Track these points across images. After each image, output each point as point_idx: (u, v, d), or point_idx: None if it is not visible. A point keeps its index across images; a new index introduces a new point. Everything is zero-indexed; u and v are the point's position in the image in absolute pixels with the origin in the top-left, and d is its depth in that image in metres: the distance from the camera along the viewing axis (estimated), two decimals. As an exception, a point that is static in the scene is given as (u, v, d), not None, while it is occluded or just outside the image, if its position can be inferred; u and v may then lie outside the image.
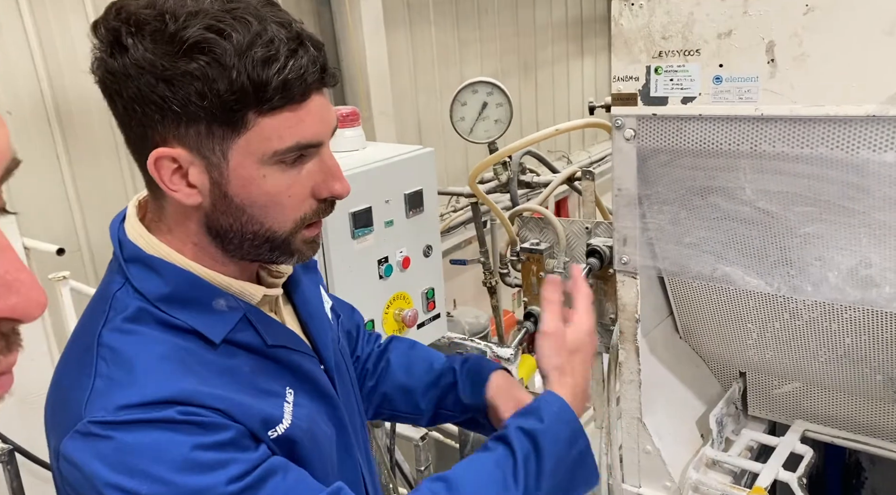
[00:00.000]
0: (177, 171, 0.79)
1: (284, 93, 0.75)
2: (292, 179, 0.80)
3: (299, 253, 0.86)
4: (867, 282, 1.28)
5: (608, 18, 8.19)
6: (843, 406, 1.69)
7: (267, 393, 0.85)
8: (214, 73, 0.73)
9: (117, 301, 0.83)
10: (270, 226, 0.82)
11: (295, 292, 1.00)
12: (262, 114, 0.75)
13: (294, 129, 0.77)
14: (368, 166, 1.53)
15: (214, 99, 0.74)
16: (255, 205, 0.80)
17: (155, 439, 0.73)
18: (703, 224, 1.43)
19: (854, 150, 1.22)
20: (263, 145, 0.77)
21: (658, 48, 1.38)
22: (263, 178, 0.79)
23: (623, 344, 1.62)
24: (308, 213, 0.83)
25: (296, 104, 0.76)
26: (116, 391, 0.75)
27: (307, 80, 0.76)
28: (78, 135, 3.31)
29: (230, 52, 0.72)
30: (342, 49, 4.87)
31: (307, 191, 0.82)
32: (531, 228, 1.93)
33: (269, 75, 0.73)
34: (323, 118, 0.80)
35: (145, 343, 0.80)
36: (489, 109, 1.87)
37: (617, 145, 1.49)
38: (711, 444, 1.69)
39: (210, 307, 0.84)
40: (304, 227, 0.84)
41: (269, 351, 0.88)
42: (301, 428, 0.86)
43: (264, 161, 0.78)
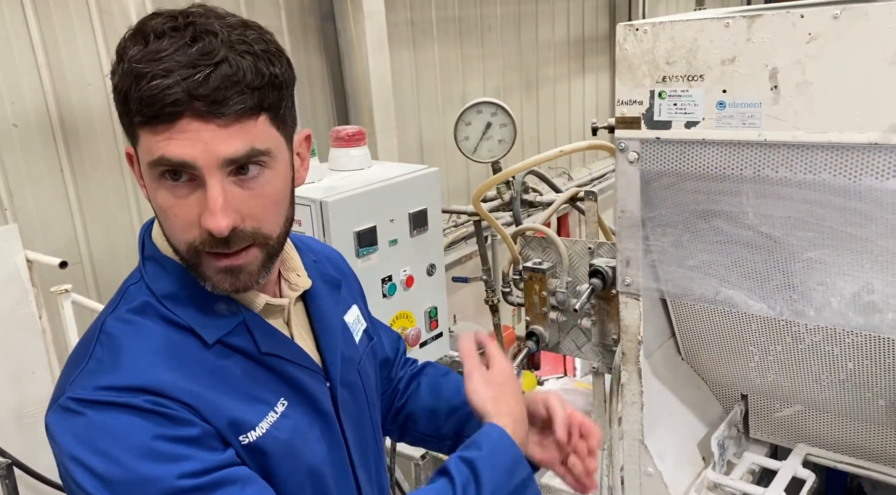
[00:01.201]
0: (137, 169, 0.86)
1: (149, 109, 0.77)
2: (177, 200, 0.81)
3: (211, 281, 0.84)
4: (870, 308, 1.28)
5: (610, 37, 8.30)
6: (846, 430, 1.68)
7: (254, 399, 0.87)
8: (115, 80, 0.79)
9: (129, 293, 0.89)
10: (175, 242, 0.85)
11: (312, 305, 1.02)
12: (138, 126, 0.79)
13: (161, 144, 0.78)
14: (373, 185, 1.54)
15: (117, 105, 0.80)
16: (159, 216, 0.85)
17: (121, 422, 0.78)
18: (706, 247, 1.44)
19: (857, 177, 1.23)
20: (144, 156, 0.81)
21: (662, 73, 1.39)
22: (156, 191, 0.82)
23: (625, 365, 1.62)
24: (197, 240, 0.82)
25: (164, 124, 0.77)
26: (101, 373, 0.81)
27: (165, 100, 0.76)
28: (82, 149, 3.32)
29: (125, 63, 0.78)
30: (346, 66, 4.91)
31: (194, 217, 0.81)
32: (534, 247, 1.94)
33: (139, 90, 0.76)
34: (198, 143, 0.78)
35: (141, 333, 0.84)
36: (493, 129, 1.89)
37: (620, 168, 1.50)
38: (713, 467, 1.69)
39: (212, 309, 0.88)
40: (206, 254, 0.83)
41: (263, 358, 0.90)
42: (277, 440, 0.87)
43: (149, 172, 0.81)
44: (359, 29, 4.80)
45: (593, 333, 1.87)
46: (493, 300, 2.60)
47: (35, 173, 3.17)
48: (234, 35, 0.79)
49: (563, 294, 1.87)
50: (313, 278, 1.01)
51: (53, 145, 3.24)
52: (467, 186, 5.85)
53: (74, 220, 3.39)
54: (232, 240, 0.82)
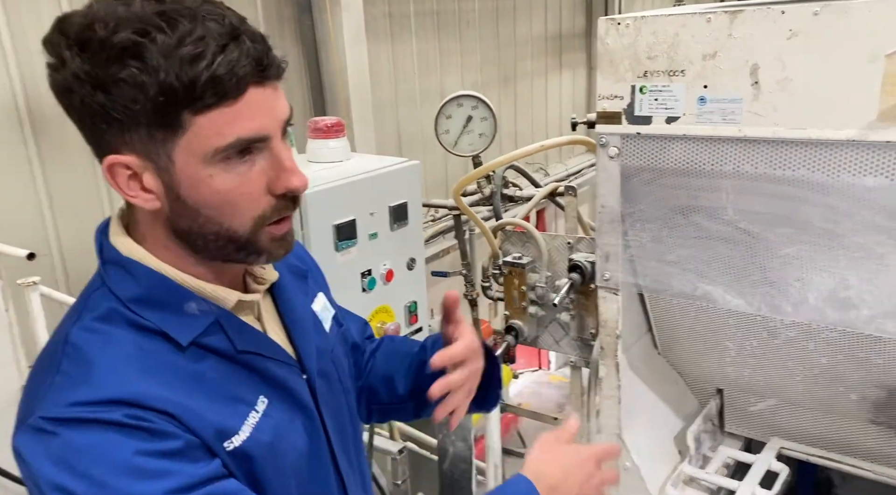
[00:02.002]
0: (133, 178, 0.80)
1: (215, 89, 0.74)
2: (242, 177, 0.79)
3: (268, 252, 0.85)
4: (846, 304, 1.30)
5: (587, 34, 8.32)
6: (818, 424, 1.71)
7: (234, 400, 0.85)
8: (144, 76, 0.73)
9: (92, 301, 0.84)
10: (230, 227, 0.81)
11: (281, 298, 0.99)
12: (196, 112, 0.75)
13: (233, 125, 0.76)
14: (353, 178, 1.52)
15: (147, 102, 0.74)
16: (208, 206, 0.80)
17: (99, 440, 0.73)
18: (684, 243, 1.45)
19: (834, 174, 1.24)
20: (204, 144, 0.76)
21: (643, 68, 1.39)
22: (211, 178, 0.78)
23: (603, 360, 1.63)
24: (267, 211, 0.82)
25: (231, 100, 0.75)
26: (71, 388, 0.76)
27: (238, 74, 0.74)
28: (51, 138, 3.24)
29: (157, 54, 0.72)
30: (323, 57, 4.85)
31: (261, 188, 0.80)
32: (514, 242, 1.93)
33: (196, 72, 0.72)
34: (267, 111, 0.78)
35: (110, 343, 0.80)
36: (474, 123, 1.88)
37: (601, 163, 1.50)
38: (689, 461, 1.70)
39: (181, 310, 0.84)
40: (267, 225, 0.83)
41: (240, 357, 0.87)
42: (261, 442, 0.85)
43: (208, 160, 0.77)
44: (336, 20, 4.75)
45: (572, 327, 1.87)
46: (473, 294, 2.60)
47: (1, 162, 3.08)
48: (221, 8, 0.78)
49: (543, 288, 1.87)
50: (279, 270, 0.99)
51: (20, 133, 3.16)
52: (445, 180, 5.83)
53: (43, 211, 3.31)
54: (297, 199, 0.84)
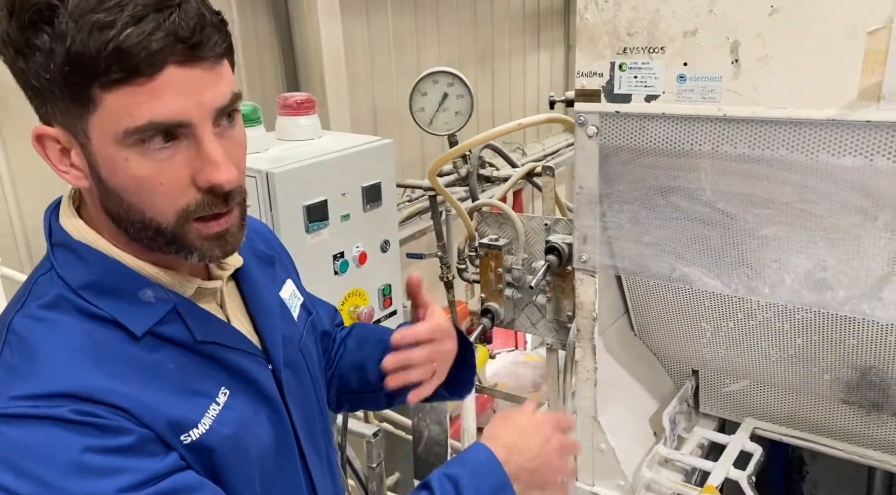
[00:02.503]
0: (63, 152, 0.75)
1: (121, 63, 0.66)
2: (162, 165, 0.72)
3: (200, 251, 0.78)
4: (822, 285, 1.29)
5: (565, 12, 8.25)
6: (791, 404, 1.72)
7: (193, 393, 0.80)
8: (54, 43, 0.66)
9: (38, 286, 0.79)
10: (152, 217, 0.75)
11: (245, 285, 0.95)
12: (104, 88, 0.68)
13: (146, 106, 0.68)
14: (324, 157, 1.47)
15: (56, 72, 0.67)
16: (127, 191, 0.74)
17: (44, 437, 0.68)
18: (662, 224, 1.43)
19: (813, 154, 1.23)
20: (115, 124, 0.69)
21: (623, 44, 1.36)
22: (126, 162, 0.71)
23: (580, 342, 1.61)
24: (191, 205, 0.75)
25: (143, 77, 0.67)
26: (14, 381, 0.71)
27: (149, 48, 0.66)
28: (12, 113, 3.13)
29: (67, 19, 0.66)
30: (296, 32, 4.74)
31: (184, 180, 0.73)
32: (490, 224, 1.90)
33: (101, 42, 0.65)
34: (190, 94, 0.70)
35: (56, 332, 0.75)
36: (450, 101, 1.83)
37: (579, 142, 1.47)
38: (664, 442, 1.70)
39: (136, 298, 0.79)
40: (194, 221, 0.76)
41: (199, 347, 0.83)
42: (222, 435, 0.81)
43: (122, 142, 0.70)
44: (310, -7, 4.63)
45: (548, 310, 1.85)
46: (448, 276, 2.57)
47: (-41, 139, 2.97)
48: None
49: (519, 271, 1.84)
50: (243, 255, 0.94)
51: (-21, 109, 3.04)
52: (422, 160, 5.77)
53: (5, 191, 3.20)
54: (230, 196, 0.76)
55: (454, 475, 0.90)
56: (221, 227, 0.78)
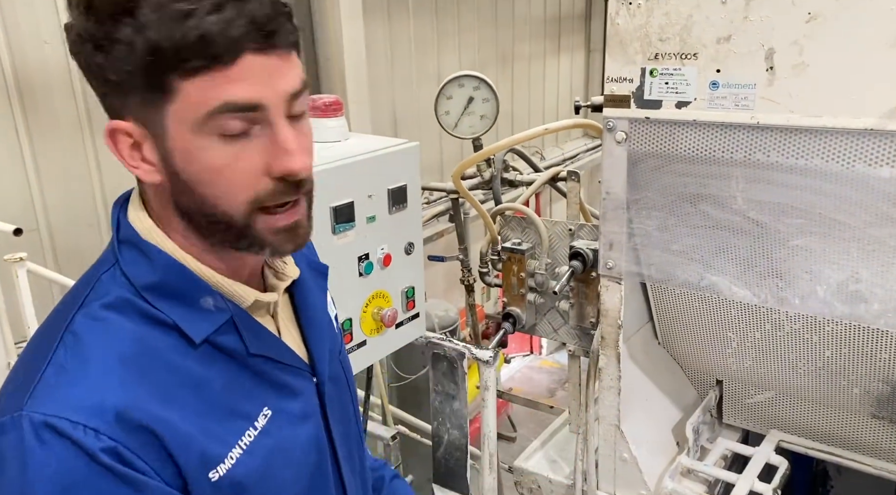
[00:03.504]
0: (134, 147, 0.75)
1: (204, 50, 0.67)
2: (237, 152, 0.72)
3: (271, 245, 0.77)
4: (855, 298, 1.27)
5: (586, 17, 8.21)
6: (818, 417, 1.69)
7: (233, 414, 0.79)
8: (135, 34, 0.67)
9: (101, 284, 0.78)
10: (224, 209, 0.75)
11: (299, 296, 0.94)
12: (185, 76, 0.68)
13: (221, 89, 0.69)
14: (352, 159, 1.47)
15: (138, 63, 0.68)
16: (201, 183, 0.73)
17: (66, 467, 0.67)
18: (691, 232, 1.41)
19: (850, 164, 1.21)
20: (193, 111, 0.70)
21: (654, 50, 1.35)
22: (203, 151, 0.72)
23: (604, 349, 1.60)
24: (262, 193, 0.74)
25: (222, 64, 0.68)
26: (62, 388, 0.71)
27: (231, 35, 0.67)
28: (39, 109, 3.16)
29: (148, 11, 0.67)
30: (318, 35, 4.76)
31: (258, 167, 0.73)
32: (513, 227, 1.89)
33: (184, 31, 0.66)
34: (265, 79, 0.71)
35: (113, 337, 0.74)
36: (475, 104, 1.83)
37: (607, 148, 1.45)
38: (687, 453, 1.68)
39: (197, 303, 0.78)
40: (263, 212, 0.75)
41: (250, 360, 0.81)
42: (249, 467, 0.79)
43: (199, 129, 0.71)
44: (333, -3, 4.65)
45: (571, 316, 1.84)
46: (469, 280, 2.56)
47: (-12, 136, 3.01)
48: None
49: (542, 275, 1.83)
50: (299, 265, 0.93)
51: (8, 106, 3.08)
52: (440, 163, 5.77)
53: (31, 185, 3.23)
54: (301, 184, 0.75)
55: None
56: (290, 220, 0.77)
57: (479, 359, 1.74)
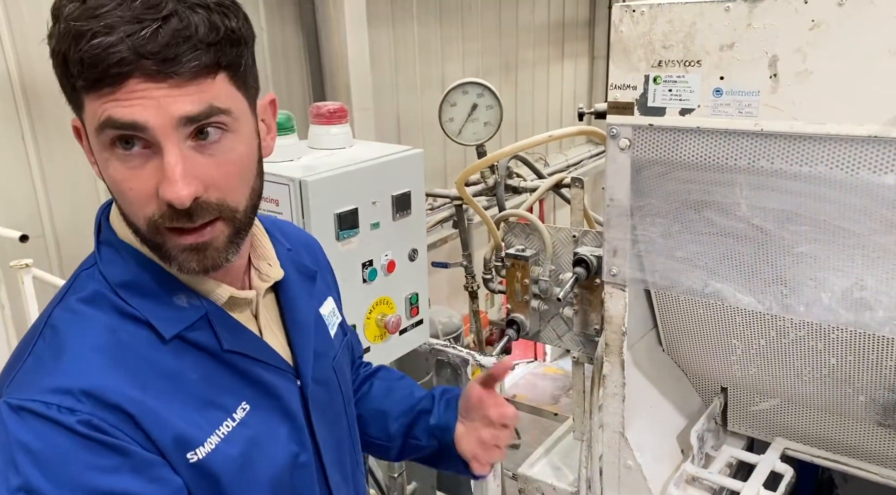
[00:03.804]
0: (85, 143, 0.79)
1: (87, 72, 0.69)
2: (132, 171, 0.73)
3: (177, 261, 0.77)
4: (860, 305, 1.26)
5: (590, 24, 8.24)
6: (823, 425, 1.68)
7: (209, 405, 0.80)
8: (51, 43, 0.72)
9: (79, 281, 0.82)
10: (133, 221, 0.77)
11: (284, 298, 0.94)
12: (84, 92, 0.72)
13: (107, 106, 0.71)
14: (356, 166, 1.48)
15: (56, 72, 0.73)
16: (112, 191, 0.77)
17: (50, 444, 0.70)
18: (695, 238, 1.41)
19: (854, 171, 1.21)
20: (91, 123, 0.73)
21: (658, 57, 1.35)
22: (106, 162, 0.74)
23: (608, 356, 1.60)
24: (156, 215, 0.74)
25: (109, 87, 0.70)
26: (38, 374, 0.74)
27: (113, 61, 0.68)
28: (45, 115, 3.18)
29: (62, 25, 0.70)
30: (323, 42, 4.78)
31: (151, 189, 0.73)
32: (517, 234, 1.89)
33: (78, 51, 0.69)
34: (153, 104, 0.71)
35: (85, 327, 0.77)
36: (479, 111, 1.83)
37: (611, 154, 1.46)
38: (692, 460, 1.67)
39: (170, 301, 0.80)
40: (168, 230, 0.75)
41: (225, 356, 0.82)
42: (227, 456, 0.80)
43: (100, 141, 0.73)
44: (337, 4, 4.67)
45: (575, 322, 1.83)
46: (473, 286, 2.56)
47: (-6, 142, 3.03)
48: None
49: (546, 282, 1.83)
50: (286, 268, 0.94)
51: (14, 111, 3.10)
52: (444, 169, 5.78)
53: (37, 192, 3.25)
54: (195, 213, 0.74)
55: None
56: (198, 240, 0.76)
57: (483, 366, 1.74)
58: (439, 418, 1.11)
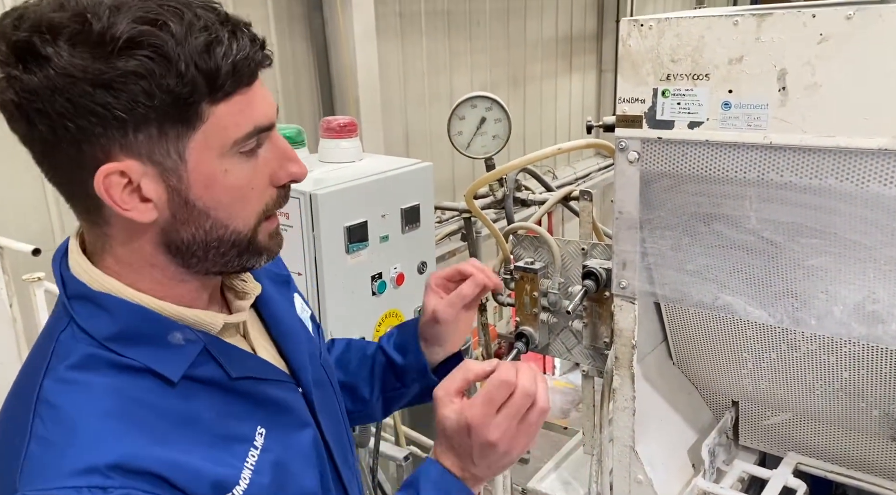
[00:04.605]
0: (127, 187, 0.72)
1: (235, 77, 0.72)
2: (252, 169, 0.77)
3: (267, 250, 0.82)
4: (873, 318, 1.25)
5: (598, 37, 8.29)
6: (836, 439, 1.67)
7: (231, 440, 0.78)
8: (160, 67, 0.67)
9: (61, 345, 0.75)
10: (235, 227, 0.77)
11: (265, 310, 0.94)
12: (215, 102, 0.72)
13: (247, 113, 0.74)
14: (365, 179, 1.49)
15: (165, 95, 0.68)
16: (219, 207, 0.76)
17: None
18: (705, 251, 1.41)
19: (864, 183, 1.20)
20: (222, 136, 0.73)
21: (666, 71, 1.35)
22: (226, 174, 0.74)
23: (618, 370, 1.59)
24: (269, 204, 0.80)
25: (245, 87, 0.74)
26: (53, 458, 0.67)
27: (255, 60, 0.73)
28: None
29: (171, 43, 0.67)
30: (332, 56, 4.83)
31: (266, 180, 0.79)
32: (526, 247, 1.89)
33: (217, 61, 0.70)
34: (267, 98, 0.78)
35: (89, 396, 0.71)
36: (487, 125, 1.84)
37: (620, 167, 1.46)
38: (703, 475, 1.66)
39: (165, 342, 0.77)
40: (264, 221, 0.81)
41: (235, 384, 0.81)
42: (262, 486, 0.79)
43: (225, 154, 0.74)
44: (347, 18, 4.72)
45: (584, 336, 1.83)
46: (482, 299, 2.55)
47: (6, 154, 3.06)
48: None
49: (555, 295, 1.83)
50: (260, 279, 0.93)
51: (28, 128, 3.14)
52: (453, 182, 5.80)
53: (49, 206, 3.29)
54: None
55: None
56: (278, 221, 0.83)
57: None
58: (401, 357, 1.13)
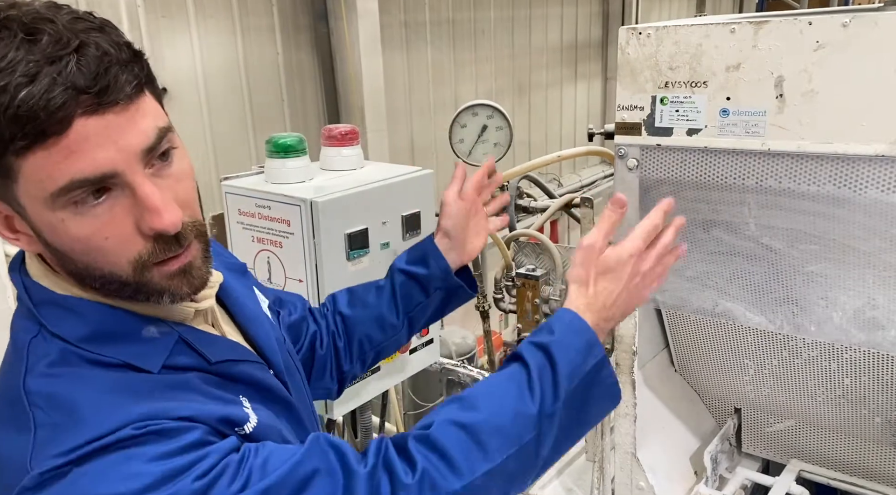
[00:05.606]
0: (8, 220, 0.72)
1: (25, 128, 0.62)
2: (101, 220, 0.68)
3: (168, 291, 0.75)
4: (872, 324, 1.25)
5: (602, 44, 8.33)
6: (839, 446, 1.66)
7: (224, 401, 0.81)
8: None
9: (35, 347, 0.73)
10: (110, 271, 0.72)
11: (228, 299, 0.95)
12: (18, 155, 0.63)
13: (64, 165, 0.64)
14: (366, 187, 1.50)
15: None
16: (75, 252, 0.70)
17: (114, 462, 0.66)
18: (705, 258, 1.41)
19: (861, 190, 1.20)
20: (39, 189, 0.65)
21: (665, 78, 1.36)
22: (63, 223, 0.67)
23: (619, 376, 1.59)
24: (144, 253, 0.71)
25: (53, 137, 0.63)
26: (64, 435, 0.67)
27: (53, 106, 0.61)
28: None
29: None
30: (338, 65, 4.86)
31: (129, 229, 0.70)
32: (527, 254, 1.90)
33: (13, 109, 0.61)
34: (108, 143, 0.65)
35: (80, 380, 0.71)
36: (489, 132, 1.85)
37: (619, 175, 1.46)
38: (706, 482, 1.65)
39: (140, 336, 0.77)
40: (154, 265, 0.73)
41: (214, 367, 0.83)
42: (270, 427, 0.83)
43: (52, 205, 0.66)
44: (352, 29, 4.76)
45: (586, 342, 1.83)
46: (484, 306, 2.56)
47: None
48: (64, 16, 0.65)
49: (557, 301, 1.83)
50: (219, 270, 0.93)
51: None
52: (457, 190, 5.81)
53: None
54: (181, 236, 0.73)
55: (544, 343, 0.91)
56: (182, 263, 0.75)
57: (494, 386, 1.74)
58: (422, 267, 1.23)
